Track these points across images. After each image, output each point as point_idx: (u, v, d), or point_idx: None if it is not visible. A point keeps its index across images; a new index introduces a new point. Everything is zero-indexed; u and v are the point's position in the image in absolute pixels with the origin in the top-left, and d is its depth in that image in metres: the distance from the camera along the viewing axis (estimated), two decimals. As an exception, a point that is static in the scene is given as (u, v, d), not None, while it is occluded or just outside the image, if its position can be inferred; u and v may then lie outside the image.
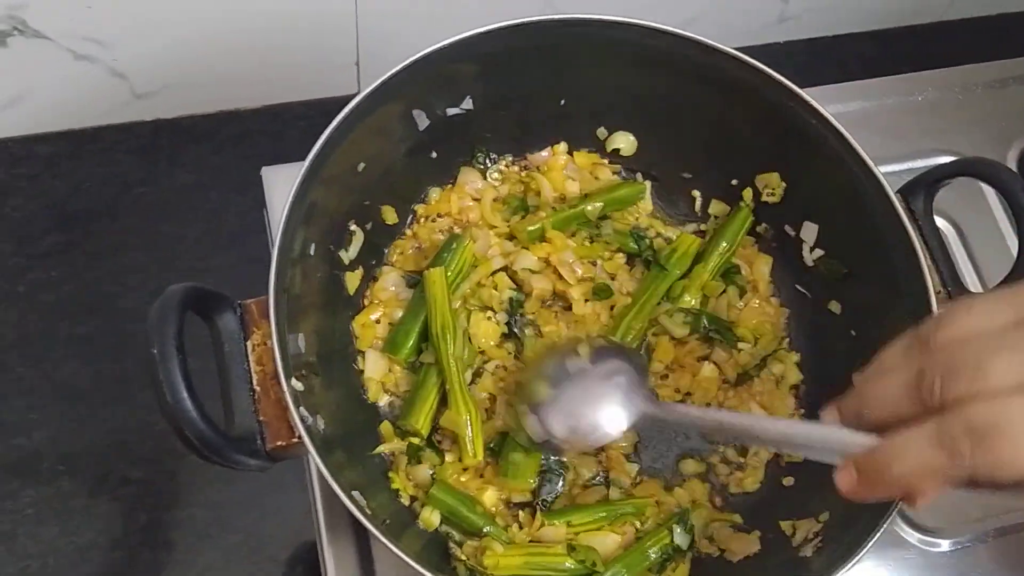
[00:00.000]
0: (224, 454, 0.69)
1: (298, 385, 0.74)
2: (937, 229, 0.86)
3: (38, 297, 1.18)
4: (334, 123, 0.80)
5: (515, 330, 0.92)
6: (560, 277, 0.93)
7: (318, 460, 0.70)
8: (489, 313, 0.92)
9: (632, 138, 1.00)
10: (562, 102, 0.95)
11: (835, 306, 0.92)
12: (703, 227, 0.99)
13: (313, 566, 1.04)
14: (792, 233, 0.94)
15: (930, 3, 1.47)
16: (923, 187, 0.86)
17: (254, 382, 0.74)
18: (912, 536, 0.95)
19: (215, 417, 0.71)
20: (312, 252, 0.82)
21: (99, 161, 1.27)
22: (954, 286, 0.85)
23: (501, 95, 0.92)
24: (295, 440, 0.73)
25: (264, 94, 1.32)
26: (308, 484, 0.95)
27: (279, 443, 0.73)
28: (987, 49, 1.25)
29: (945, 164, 0.88)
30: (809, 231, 0.93)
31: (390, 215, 0.94)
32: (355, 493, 0.74)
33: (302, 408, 0.72)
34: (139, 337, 1.15)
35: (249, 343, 0.75)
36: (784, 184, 0.95)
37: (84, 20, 1.12)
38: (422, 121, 0.90)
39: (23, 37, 1.11)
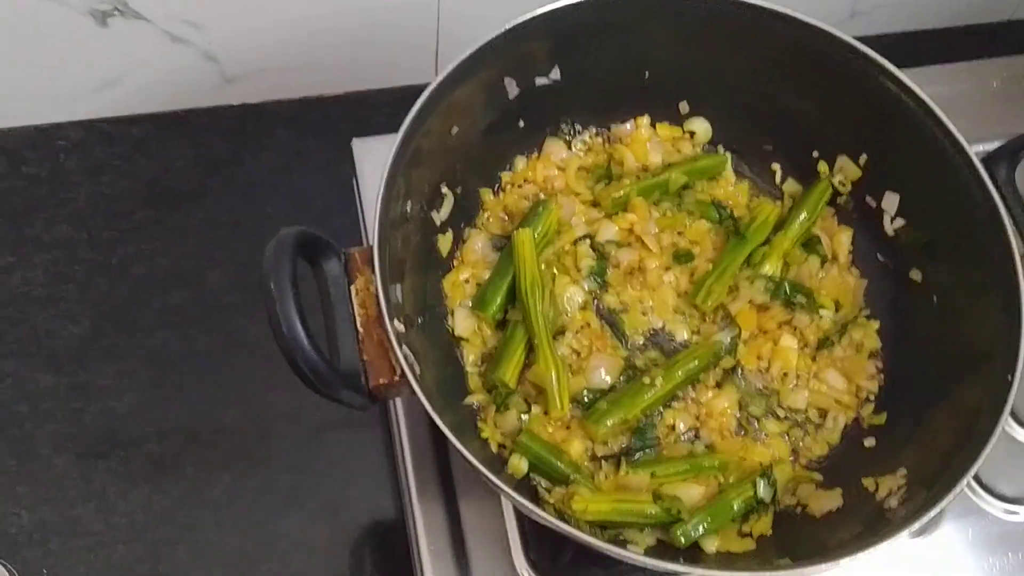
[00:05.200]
0: (332, 385, 0.72)
1: (399, 326, 0.77)
2: (1020, 196, 0.87)
3: (130, 269, 1.22)
4: (433, 84, 0.84)
5: (596, 298, 0.95)
6: (644, 245, 0.96)
7: (420, 394, 0.73)
8: (573, 276, 0.94)
9: (707, 125, 1.03)
10: (646, 75, 0.98)
11: (916, 274, 0.93)
12: (779, 204, 1.02)
13: (393, 530, 1.08)
14: (873, 204, 0.96)
15: (999, 1, 1.48)
16: (1006, 156, 0.88)
17: (358, 324, 0.77)
18: (993, 506, 0.96)
19: (323, 354, 0.74)
20: (409, 209, 0.86)
21: (188, 143, 1.31)
22: (1038, 250, 0.86)
23: (587, 67, 0.95)
24: (396, 378, 0.76)
25: (346, 81, 1.36)
26: (396, 439, 0.98)
27: (381, 381, 0.76)
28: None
29: (1029, 132, 0.89)
30: (890, 201, 0.95)
31: (487, 195, 0.98)
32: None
33: (404, 346, 0.75)
34: (227, 309, 1.21)
35: (353, 288, 0.78)
36: (860, 172, 0.97)
37: (183, 2, 1.16)
38: (512, 89, 0.93)
39: (123, 18, 1.16)
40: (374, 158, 1.05)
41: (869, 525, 0.79)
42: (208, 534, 1.10)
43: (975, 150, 1.07)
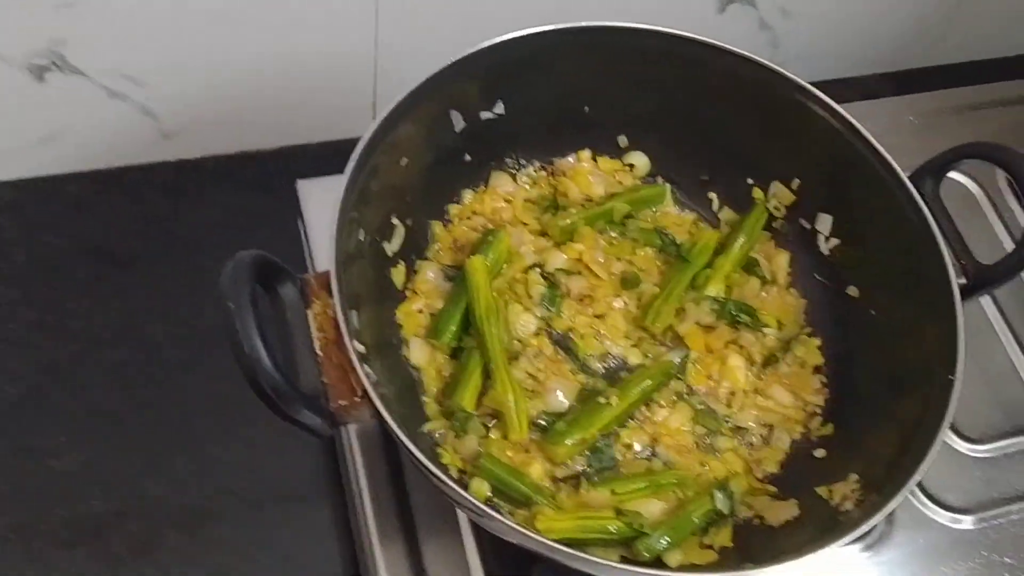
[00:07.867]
0: (293, 406, 0.72)
1: (360, 347, 0.77)
2: (946, 210, 0.92)
3: (69, 327, 1.20)
4: (383, 115, 0.86)
5: (548, 325, 0.96)
6: (592, 273, 0.98)
7: (382, 409, 0.73)
8: (525, 303, 0.96)
9: (646, 158, 1.06)
10: (586, 109, 1.01)
11: (853, 290, 0.97)
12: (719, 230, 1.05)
13: (346, 578, 1.06)
14: (808, 226, 1.00)
15: (910, 50, 1.56)
16: (931, 172, 0.93)
17: (316, 347, 0.77)
18: (939, 514, 0.98)
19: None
20: (362, 238, 0.87)
21: (127, 199, 1.30)
22: (967, 259, 0.90)
23: (529, 101, 0.98)
24: (357, 399, 0.76)
25: (283, 135, 1.37)
26: (352, 479, 0.97)
27: (342, 402, 0.76)
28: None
29: (952, 148, 0.94)
30: (824, 222, 0.99)
31: (437, 227, 0.99)
32: (413, 455, 0.76)
33: (366, 366, 0.76)
34: (170, 364, 1.20)
35: (310, 312, 0.79)
36: (793, 197, 1.01)
37: (121, 57, 1.16)
38: (458, 123, 0.95)
39: (61, 73, 1.16)
40: (319, 198, 1.07)
41: (825, 528, 0.80)
42: (155, 594, 1.07)
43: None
